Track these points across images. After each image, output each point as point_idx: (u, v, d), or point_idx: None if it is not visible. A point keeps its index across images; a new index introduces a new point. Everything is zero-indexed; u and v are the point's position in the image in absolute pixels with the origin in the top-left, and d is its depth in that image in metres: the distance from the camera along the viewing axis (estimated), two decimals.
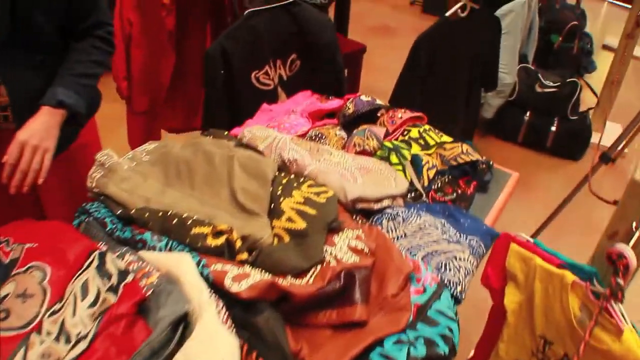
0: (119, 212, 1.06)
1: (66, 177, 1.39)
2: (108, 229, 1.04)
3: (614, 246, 1.02)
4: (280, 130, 1.43)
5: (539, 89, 3.16)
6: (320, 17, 1.86)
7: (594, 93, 3.32)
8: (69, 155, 1.37)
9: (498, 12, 2.34)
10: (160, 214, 1.01)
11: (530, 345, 1.30)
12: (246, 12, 1.66)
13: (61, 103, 1.16)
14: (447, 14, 2.02)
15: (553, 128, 3.20)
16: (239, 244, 0.94)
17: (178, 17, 2.02)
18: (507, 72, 2.90)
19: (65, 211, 1.23)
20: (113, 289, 0.87)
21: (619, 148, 2.04)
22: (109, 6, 1.97)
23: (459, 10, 2.02)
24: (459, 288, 1.01)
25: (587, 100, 3.32)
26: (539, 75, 3.19)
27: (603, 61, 4.37)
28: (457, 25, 2.08)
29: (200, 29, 2.13)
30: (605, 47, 4.65)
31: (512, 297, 1.32)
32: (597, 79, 4.05)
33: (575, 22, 3.82)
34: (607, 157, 2.11)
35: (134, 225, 1.03)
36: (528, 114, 3.24)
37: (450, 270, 1.03)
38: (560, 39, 3.78)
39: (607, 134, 2.99)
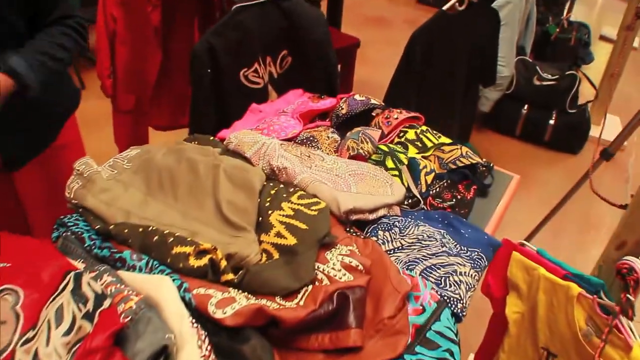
0: (97, 227, 0.99)
1: (47, 179, 1.33)
2: (86, 245, 0.97)
3: (623, 260, 0.96)
4: (270, 133, 1.36)
5: (537, 82, 3.10)
6: (312, 11, 1.78)
7: (593, 85, 3.26)
8: (50, 157, 1.32)
9: (495, 4, 2.26)
10: (141, 229, 0.94)
11: (532, 357, 1.25)
12: (234, 7, 1.59)
13: (11, 70, 1.09)
14: (445, 7, 1.95)
15: (551, 121, 3.14)
16: (223, 264, 0.88)
17: (164, 12, 1.94)
18: (505, 65, 2.83)
19: (49, 214, 1.19)
20: (89, 316, 0.80)
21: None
22: (93, 3, 1.91)
23: (457, 4, 1.94)
24: (459, 305, 0.95)
25: (585, 92, 3.26)
26: (537, 68, 3.12)
27: (600, 52, 4.31)
28: (454, 18, 2.01)
29: (187, 24, 2.05)
30: (603, 38, 4.59)
31: (514, 308, 1.26)
32: (594, 69, 3.99)
33: None
34: (608, 154, 2.05)
35: (113, 241, 0.97)
36: (526, 107, 3.18)
37: (450, 286, 0.97)
38: (558, 30, 3.71)
39: (605, 127, 2.93)
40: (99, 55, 1.97)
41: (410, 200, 1.20)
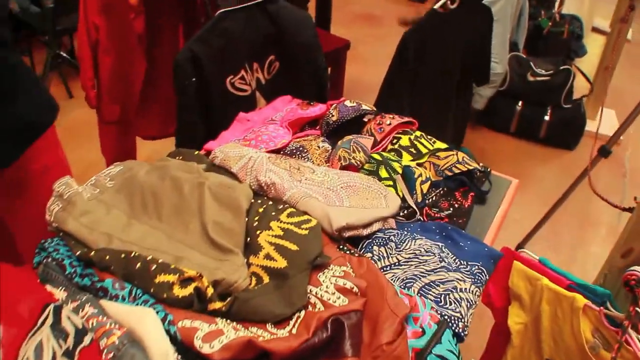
0: (78, 253, 0.94)
1: (32, 202, 1.27)
2: (67, 272, 0.92)
3: (631, 270, 0.91)
4: (258, 143, 1.31)
5: (531, 78, 3.05)
6: (299, 14, 1.73)
7: (587, 78, 3.22)
8: (33, 179, 1.26)
9: (487, 0, 2.21)
10: (123, 255, 0.89)
11: None
12: (217, 12, 1.53)
13: None
14: (436, 6, 1.90)
15: (546, 117, 3.10)
16: (210, 291, 0.82)
17: (147, 19, 1.88)
18: (498, 62, 2.78)
19: (37, 239, 1.13)
20: (69, 354, 0.75)
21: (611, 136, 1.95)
22: (75, 10, 1.84)
23: (448, 2, 1.89)
24: (460, 324, 0.90)
25: (580, 85, 3.22)
26: (531, 64, 3.07)
27: (592, 44, 4.27)
28: (446, 17, 1.96)
29: (171, 31, 1.99)
30: (595, 30, 4.55)
31: (516, 318, 1.22)
32: (588, 62, 3.95)
33: None
34: (605, 151, 2.01)
35: (95, 267, 0.91)
36: (520, 103, 3.14)
37: (450, 303, 0.92)
38: (550, 23, 3.67)
39: (601, 121, 2.90)
40: (81, 66, 1.91)
41: (405, 211, 1.15)
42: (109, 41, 1.87)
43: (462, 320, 0.90)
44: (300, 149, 1.28)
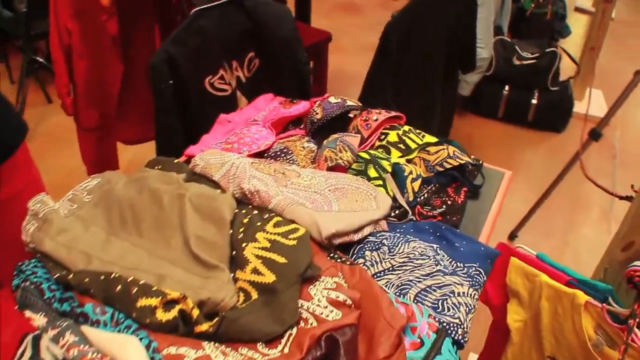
0: (56, 275, 0.89)
1: (8, 225, 1.21)
2: (46, 297, 0.87)
3: (634, 266, 0.88)
4: (241, 146, 1.26)
5: (517, 62, 3.02)
6: (277, 8, 1.67)
7: (573, 60, 3.19)
8: (7, 201, 1.20)
9: None
10: (102, 277, 0.84)
11: None
12: (192, 11, 1.47)
13: None
14: None
15: (534, 101, 3.07)
16: (195, 313, 0.78)
17: (121, 20, 1.82)
18: (483, 47, 2.74)
19: (15, 259, 1.08)
20: None
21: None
22: (44, 15, 1.77)
23: None
24: (460, 331, 0.86)
25: (565, 67, 3.19)
26: (516, 47, 3.04)
27: (576, 24, 4.24)
28: (429, 4, 1.91)
29: (147, 31, 1.93)
30: (578, 10, 4.52)
31: (515, 316, 1.19)
32: (572, 43, 3.93)
33: None
34: (596, 134, 1.98)
35: (75, 290, 0.87)
36: (507, 88, 3.10)
37: (448, 309, 0.88)
38: (533, 5, 3.63)
39: (587, 101, 2.88)
40: (56, 72, 1.84)
41: (397, 212, 1.11)
42: (82, 45, 1.81)
43: (462, 326, 0.86)
44: (285, 150, 1.23)
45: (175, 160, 1.13)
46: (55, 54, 1.80)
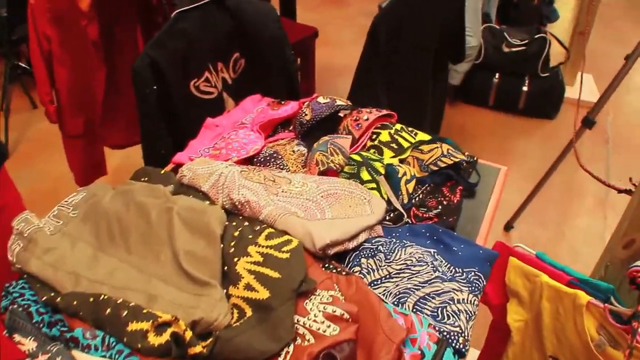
0: (44, 298, 0.86)
1: None
2: (34, 321, 0.84)
3: (636, 266, 0.86)
4: (229, 152, 1.22)
5: (506, 49, 2.99)
6: (261, 6, 1.63)
7: (562, 45, 3.16)
8: None
9: None
10: (92, 299, 0.81)
11: None
12: (174, 13, 1.43)
13: None
14: None
15: (524, 88, 3.04)
16: (188, 335, 0.75)
17: (101, 24, 1.77)
18: (472, 35, 2.71)
19: (2, 280, 1.05)
20: None
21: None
22: (25, 20, 1.72)
23: None
24: (461, 339, 0.84)
25: (555, 52, 3.16)
26: (505, 34, 3.01)
27: (563, 7, 4.21)
28: None
29: (129, 34, 1.88)
30: None
31: (515, 316, 1.17)
32: (560, 28, 3.90)
33: None
34: (589, 122, 1.96)
35: (64, 313, 0.84)
36: (497, 76, 3.08)
37: (448, 317, 0.86)
38: None
39: (578, 87, 2.85)
40: (37, 79, 1.80)
41: (392, 215, 1.08)
42: (63, 51, 1.77)
43: (462, 334, 0.84)
44: (275, 155, 1.20)
45: (162, 171, 1.10)
46: (35, 61, 1.75)
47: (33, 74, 3.32)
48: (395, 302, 0.88)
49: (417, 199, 1.15)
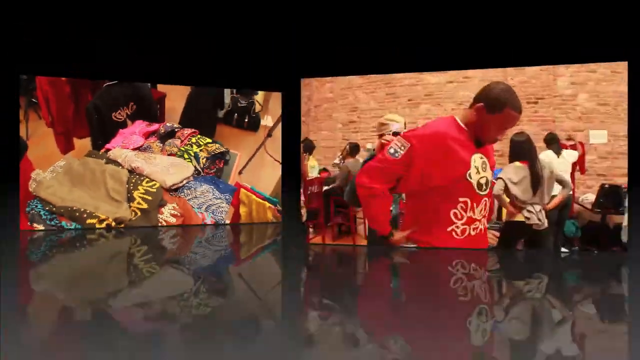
0: (47, 208, 2.28)
1: None
2: (43, 217, 2.26)
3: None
4: (128, 145, 2.67)
5: None
6: (142, 86, 3.05)
7: None
8: None
9: None
10: (70, 208, 2.26)
11: None
12: (104, 85, 2.83)
13: None
14: None
15: None
16: (113, 224, 2.22)
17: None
18: None
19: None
20: None
21: None
22: None
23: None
24: (225, 216, 2.37)
25: None
26: None
27: None
28: None
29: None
30: None
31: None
32: None
33: None
34: None
35: (56, 214, 2.27)
36: None
37: (218, 213, 2.39)
38: None
39: None
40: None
41: (196, 172, 2.60)
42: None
43: (223, 220, 2.39)
44: (148, 147, 2.67)
45: (101, 152, 2.53)
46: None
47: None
48: (198, 209, 2.42)
49: (206, 165, 2.68)
